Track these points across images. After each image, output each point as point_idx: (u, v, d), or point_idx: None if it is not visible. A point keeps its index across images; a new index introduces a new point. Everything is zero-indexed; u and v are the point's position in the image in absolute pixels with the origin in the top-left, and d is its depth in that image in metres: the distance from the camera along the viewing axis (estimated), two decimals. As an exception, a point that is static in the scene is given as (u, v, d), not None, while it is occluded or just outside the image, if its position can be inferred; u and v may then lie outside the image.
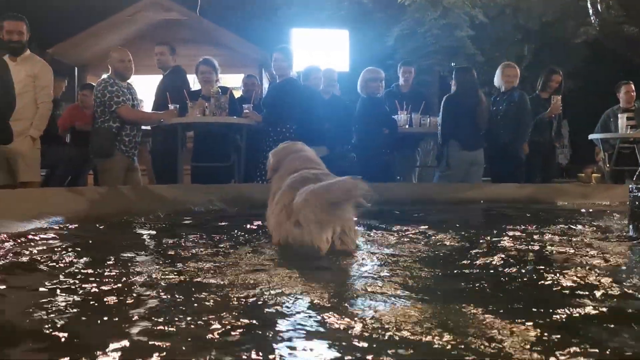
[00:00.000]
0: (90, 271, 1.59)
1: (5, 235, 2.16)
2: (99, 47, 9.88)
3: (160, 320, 1.12)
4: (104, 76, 5.23)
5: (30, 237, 2.22)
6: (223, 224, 2.89)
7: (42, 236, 2.22)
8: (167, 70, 5.67)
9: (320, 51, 10.22)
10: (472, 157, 5.60)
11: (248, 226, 2.67)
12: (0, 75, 4.04)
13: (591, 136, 6.76)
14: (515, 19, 12.38)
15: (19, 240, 2.10)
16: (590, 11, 2.60)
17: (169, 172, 5.26)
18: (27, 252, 1.88)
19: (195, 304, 1.25)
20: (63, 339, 1.01)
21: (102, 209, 2.91)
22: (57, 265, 1.69)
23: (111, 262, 1.73)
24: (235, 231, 2.51)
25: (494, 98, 6.07)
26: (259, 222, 2.63)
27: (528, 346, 0.96)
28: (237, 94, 6.56)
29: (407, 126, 6.01)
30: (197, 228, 2.73)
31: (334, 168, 5.64)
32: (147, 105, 5.88)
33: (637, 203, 2.20)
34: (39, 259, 1.76)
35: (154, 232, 2.59)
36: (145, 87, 6.38)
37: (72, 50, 9.71)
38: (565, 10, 12.04)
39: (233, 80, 9.69)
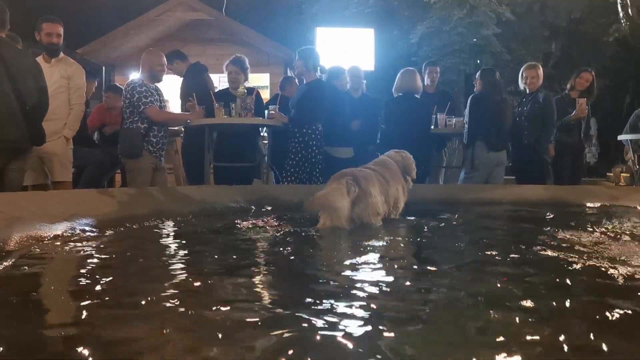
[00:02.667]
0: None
1: (36, 237, 2.24)
2: (127, 47, 10.06)
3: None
4: (133, 78, 5.30)
5: (63, 240, 2.29)
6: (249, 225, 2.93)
7: (75, 239, 2.29)
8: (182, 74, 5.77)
9: (346, 50, 10.23)
10: (497, 158, 5.55)
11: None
12: (34, 77, 4.14)
13: (620, 137, 6.64)
14: (543, 16, 12.19)
15: (52, 243, 2.16)
16: (621, 14, 2.56)
17: (197, 171, 5.37)
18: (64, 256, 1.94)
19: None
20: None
21: (132, 210, 2.97)
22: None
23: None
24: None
25: (520, 99, 6.00)
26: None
27: None
28: (262, 93, 6.61)
29: (432, 127, 5.99)
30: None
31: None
32: (172, 106, 5.96)
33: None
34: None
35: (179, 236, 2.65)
36: (171, 88, 6.46)
37: (101, 50, 9.89)
38: (593, 7, 11.83)
39: (258, 80, 9.79)
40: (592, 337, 1.11)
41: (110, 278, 1.62)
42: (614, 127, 6.96)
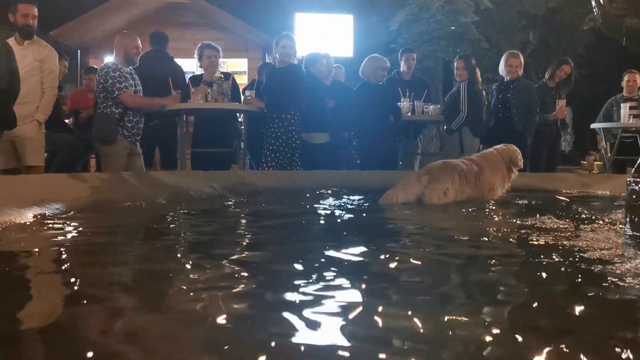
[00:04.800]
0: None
1: (4, 222, 2.20)
2: (102, 30, 9.85)
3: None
4: (107, 61, 5.21)
5: (33, 224, 2.26)
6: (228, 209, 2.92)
7: (45, 224, 2.26)
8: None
9: (324, 36, 10.18)
10: (477, 144, 5.66)
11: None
12: (5, 60, 4.04)
13: (593, 125, 6.74)
14: (521, 5, 12.28)
15: (25, 229, 2.13)
16: (593, 3, 2.59)
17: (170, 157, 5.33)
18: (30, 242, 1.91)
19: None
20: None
21: (104, 195, 2.93)
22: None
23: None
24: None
25: (497, 86, 6.04)
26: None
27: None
28: (240, 78, 6.56)
29: (409, 114, 6.01)
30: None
31: (336, 155, 5.66)
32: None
33: (634, 196, 2.20)
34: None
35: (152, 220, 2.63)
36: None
37: (75, 32, 9.67)
38: (570, -4, 11.96)
39: (237, 65, 9.70)
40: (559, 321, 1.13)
41: (79, 263, 1.60)
42: (589, 116, 7.05)
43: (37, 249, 1.84)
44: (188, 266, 1.62)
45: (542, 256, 1.78)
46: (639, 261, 1.74)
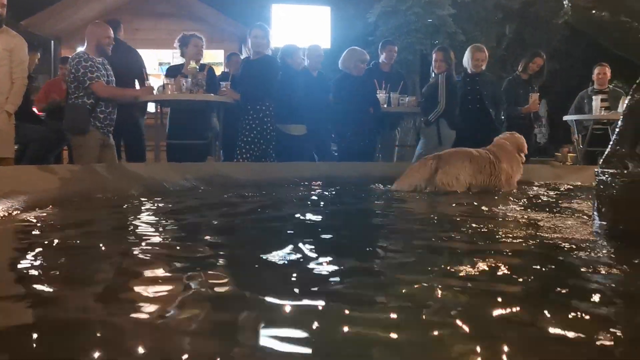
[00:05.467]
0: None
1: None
2: (75, 19, 9.65)
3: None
4: (78, 50, 5.11)
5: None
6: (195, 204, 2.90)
7: (12, 216, 2.22)
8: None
9: (301, 27, 10.12)
10: (453, 135, 5.68)
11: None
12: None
13: (566, 117, 6.84)
14: (497, -3, 12.41)
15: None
16: (564, -5, 2.61)
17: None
18: None
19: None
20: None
21: (74, 187, 2.89)
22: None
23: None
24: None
25: (462, 79, 6.05)
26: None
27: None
28: (216, 70, 6.49)
29: (385, 105, 6.03)
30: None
31: (313, 147, 5.63)
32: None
33: (602, 187, 2.23)
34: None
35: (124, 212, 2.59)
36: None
37: (46, 22, 9.45)
38: (545, -11, 12.10)
39: (213, 56, 9.60)
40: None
41: (46, 257, 1.57)
42: (563, 109, 7.16)
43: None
44: (157, 258, 1.61)
45: (512, 243, 1.80)
46: (606, 249, 1.77)
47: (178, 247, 1.79)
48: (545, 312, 1.11)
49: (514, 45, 13.39)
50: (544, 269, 1.52)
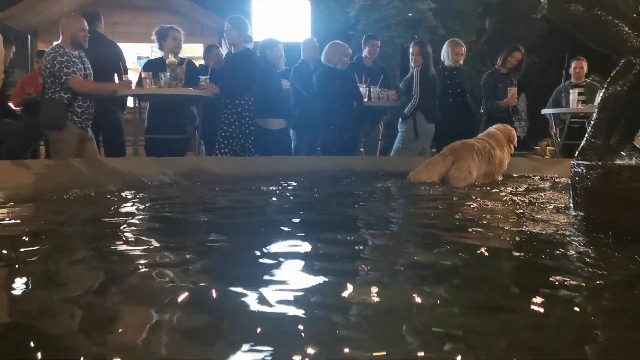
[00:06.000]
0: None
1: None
2: (52, 13, 9.49)
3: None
4: (54, 44, 5.02)
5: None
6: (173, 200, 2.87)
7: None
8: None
9: (281, 21, 10.07)
10: (432, 129, 5.71)
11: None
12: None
13: (544, 111, 6.92)
14: (477, -8, 12.48)
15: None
16: (540, -10, 2.63)
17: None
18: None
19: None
20: None
21: (50, 183, 2.84)
22: None
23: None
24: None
25: (440, 73, 6.08)
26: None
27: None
28: (196, 64, 6.43)
29: (365, 99, 6.04)
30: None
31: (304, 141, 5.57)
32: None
33: (577, 178, 2.26)
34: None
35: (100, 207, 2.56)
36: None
37: (23, 15, 9.27)
38: (525, -16, 12.18)
39: (193, 50, 9.50)
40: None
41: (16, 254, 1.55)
42: (542, 103, 7.23)
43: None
44: (138, 252, 1.59)
45: (490, 234, 1.82)
46: (580, 240, 1.80)
47: (156, 242, 1.77)
48: (517, 299, 1.12)
49: (494, 40, 13.48)
50: (516, 259, 1.54)
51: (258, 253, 1.54)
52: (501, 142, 4.02)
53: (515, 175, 4.30)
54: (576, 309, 1.10)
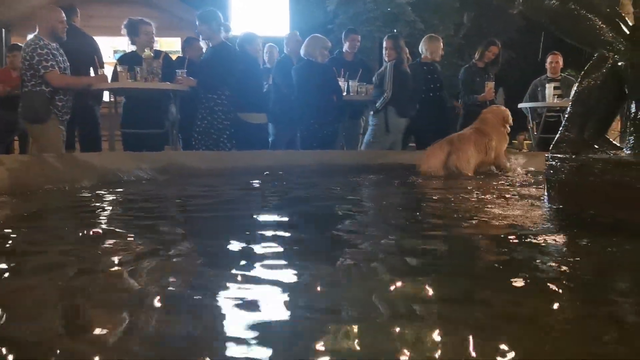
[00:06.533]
0: None
1: None
2: (26, 7, 9.31)
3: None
4: (32, 36, 4.91)
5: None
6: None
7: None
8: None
9: (260, 15, 10.03)
10: (404, 124, 5.71)
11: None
12: None
13: (520, 105, 7.00)
14: (454, -15, 12.54)
15: None
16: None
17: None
18: None
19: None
20: None
21: (23, 178, 2.79)
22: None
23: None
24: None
25: (417, 68, 6.09)
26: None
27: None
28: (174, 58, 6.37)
29: (344, 93, 6.04)
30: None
31: (275, 135, 5.57)
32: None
33: (551, 171, 2.28)
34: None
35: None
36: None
37: (-5, 8, 9.12)
38: (503, -22, 12.27)
39: (170, 45, 9.42)
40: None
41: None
42: (520, 97, 7.31)
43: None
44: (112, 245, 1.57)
45: (461, 227, 1.83)
46: (554, 232, 1.82)
47: (131, 238, 1.75)
48: (488, 290, 1.13)
49: (472, 34, 13.57)
50: (488, 251, 1.55)
51: (234, 246, 1.53)
52: (495, 128, 4.08)
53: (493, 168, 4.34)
54: (549, 299, 1.11)
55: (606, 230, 1.80)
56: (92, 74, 5.38)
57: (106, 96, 5.94)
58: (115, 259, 1.39)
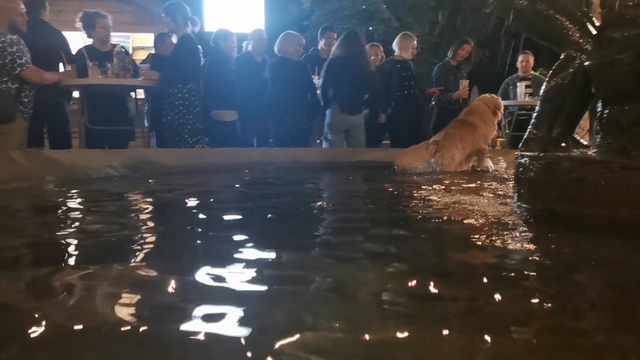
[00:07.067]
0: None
1: None
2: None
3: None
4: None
5: None
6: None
7: None
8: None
9: (235, 11, 9.94)
10: (351, 120, 5.65)
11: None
12: None
13: (491, 103, 7.07)
14: (430, -16, 12.62)
15: None
16: (487, -15, 2.67)
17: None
18: None
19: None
20: None
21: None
22: None
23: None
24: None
25: (391, 66, 6.09)
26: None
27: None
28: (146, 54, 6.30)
29: (319, 91, 6.02)
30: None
31: (247, 132, 5.53)
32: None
33: (520, 169, 2.30)
34: None
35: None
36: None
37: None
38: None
39: (143, 40, 9.29)
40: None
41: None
42: (495, 95, 7.40)
43: None
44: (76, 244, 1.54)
45: (430, 223, 1.84)
46: (522, 229, 1.84)
47: (101, 238, 1.72)
48: (454, 287, 1.14)
49: (447, 33, 13.67)
50: (456, 249, 1.56)
51: (205, 241, 1.51)
52: (483, 115, 4.26)
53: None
54: (515, 295, 1.12)
55: (573, 228, 1.82)
56: (61, 69, 5.26)
57: (76, 92, 5.82)
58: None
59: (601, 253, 1.52)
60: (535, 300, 1.09)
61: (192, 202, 2.55)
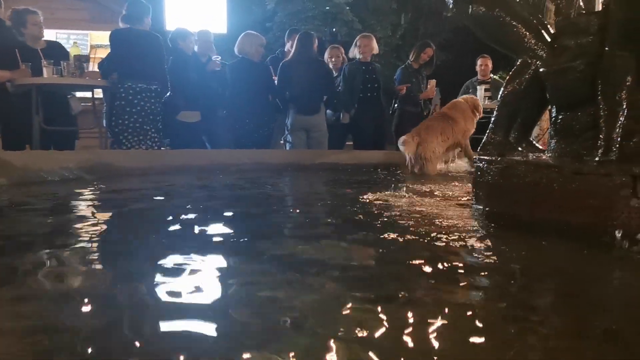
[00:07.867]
0: None
1: None
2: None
3: None
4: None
5: None
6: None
7: None
8: None
9: (196, 11, 9.81)
10: (308, 122, 5.65)
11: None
12: None
13: (452, 106, 7.18)
14: (392, -13, 12.74)
15: None
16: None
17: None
18: None
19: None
20: None
21: None
22: None
23: None
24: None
25: (354, 68, 6.11)
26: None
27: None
28: (106, 52, 6.14)
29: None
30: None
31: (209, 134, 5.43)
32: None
33: (478, 172, 2.34)
34: None
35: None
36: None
37: None
38: (439, -19, 12.59)
39: (103, 38, 9.08)
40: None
41: None
42: (454, 98, 7.50)
43: None
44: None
45: (391, 224, 1.85)
46: (479, 232, 1.86)
47: (61, 239, 1.66)
48: (410, 292, 1.14)
49: (409, 35, 13.82)
50: (413, 253, 1.56)
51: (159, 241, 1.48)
52: (465, 112, 4.45)
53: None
54: (471, 299, 1.13)
55: (528, 231, 1.86)
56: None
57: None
58: None
59: (550, 258, 1.55)
60: (489, 307, 1.10)
61: (138, 205, 2.50)
